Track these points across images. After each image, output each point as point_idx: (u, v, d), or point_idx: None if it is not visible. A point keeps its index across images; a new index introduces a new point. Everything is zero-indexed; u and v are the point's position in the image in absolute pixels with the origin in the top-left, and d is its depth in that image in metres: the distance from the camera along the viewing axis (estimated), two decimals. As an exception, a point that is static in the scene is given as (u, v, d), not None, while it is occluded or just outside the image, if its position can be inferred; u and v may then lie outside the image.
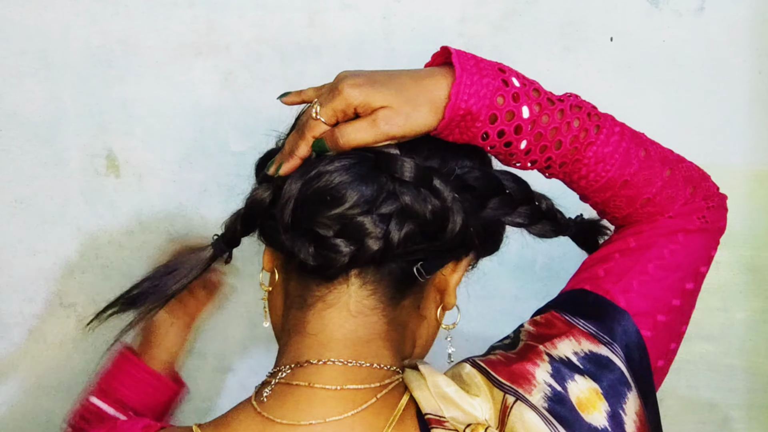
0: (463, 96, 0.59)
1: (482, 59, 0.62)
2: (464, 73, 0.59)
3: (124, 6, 0.98)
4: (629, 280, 0.65)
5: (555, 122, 0.62)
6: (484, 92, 0.60)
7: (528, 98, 0.61)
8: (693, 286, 0.67)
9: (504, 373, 0.60)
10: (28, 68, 0.98)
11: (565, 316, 0.64)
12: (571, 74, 1.03)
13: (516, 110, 0.61)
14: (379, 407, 0.59)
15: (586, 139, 0.63)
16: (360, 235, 0.58)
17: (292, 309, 0.63)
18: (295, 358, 0.61)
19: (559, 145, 0.63)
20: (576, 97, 0.65)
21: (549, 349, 0.61)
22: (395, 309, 0.62)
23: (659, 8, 1.02)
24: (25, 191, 1.01)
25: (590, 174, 0.64)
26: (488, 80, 0.60)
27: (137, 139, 1.01)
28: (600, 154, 0.63)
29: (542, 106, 0.62)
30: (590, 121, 0.64)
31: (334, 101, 0.59)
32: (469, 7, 1.01)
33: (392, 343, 0.62)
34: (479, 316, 1.07)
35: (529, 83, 0.62)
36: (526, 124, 0.61)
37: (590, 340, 0.62)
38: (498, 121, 0.60)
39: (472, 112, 0.60)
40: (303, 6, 1.00)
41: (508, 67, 0.63)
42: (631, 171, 0.65)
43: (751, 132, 1.06)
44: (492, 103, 0.60)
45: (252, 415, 0.59)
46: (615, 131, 0.64)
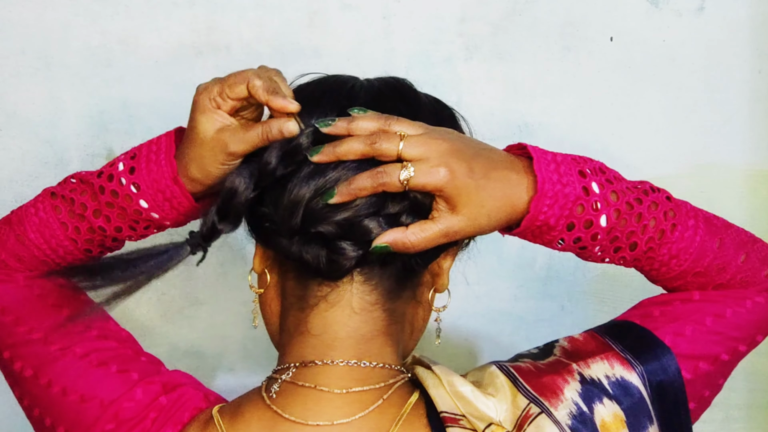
0: (542, 208, 0.59)
1: (562, 159, 0.60)
2: (545, 185, 0.58)
3: (124, 6, 0.98)
4: (683, 324, 0.64)
5: (632, 226, 0.62)
6: (563, 203, 0.59)
7: (607, 205, 0.60)
8: (745, 349, 0.67)
9: (532, 382, 0.60)
10: (28, 68, 0.98)
11: (605, 338, 0.64)
12: (571, 74, 1.03)
13: (594, 219, 0.60)
14: (385, 407, 0.59)
15: (661, 239, 0.63)
16: (368, 237, 0.57)
17: (291, 310, 0.62)
18: (300, 357, 0.61)
19: (635, 246, 0.63)
20: (653, 193, 0.64)
21: (581, 368, 0.61)
22: (395, 301, 0.62)
23: (659, 8, 1.02)
24: (25, 191, 1.01)
25: (662, 268, 0.65)
26: (569, 189, 0.59)
27: (137, 139, 1.00)
28: (674, 250, 0.64)
29: (621, 212, 0.61)
30: (666, 220, 0.63)
31: (427, 179, 0.56)
32: (469, 7, 1.01)
33: (393, 337, 0.62)
34: (479, 316, 1.07)
35: (607, 184, 0.61)
36: (603, 231, 0.61)
37: (624, 365, 0.62)
38: (575, 230, 0.60)
39: (550, 224, 0.60)
40: (303, 6, 1.00)
41: (590, 163, 0.62)
42: (704, 263, 0.65)
43: (751, 132, 1.06)
44: (571, 213, 0.60)
45: (263, 408, 0.60)
46: (689, 225, 0.64)
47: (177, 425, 0.61)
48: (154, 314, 1.05)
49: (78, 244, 0.68)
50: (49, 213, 0.67)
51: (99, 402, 0.62)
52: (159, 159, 0.64)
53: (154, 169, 0.64)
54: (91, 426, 0.62)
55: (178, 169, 0.63)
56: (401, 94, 0.65)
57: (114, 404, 0.62)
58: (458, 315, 1.05)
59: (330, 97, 0.63)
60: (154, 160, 0.64)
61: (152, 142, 0.66)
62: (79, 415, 0.63)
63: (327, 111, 0.61)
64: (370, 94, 0.63)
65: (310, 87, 0.65)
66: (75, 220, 0.67)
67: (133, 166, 0.64)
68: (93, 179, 0.66)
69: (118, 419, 0.61)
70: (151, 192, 0.64)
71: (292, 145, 0.58)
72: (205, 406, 0.63)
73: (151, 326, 1.06)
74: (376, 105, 0.61)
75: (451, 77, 1.02)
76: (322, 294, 0.60)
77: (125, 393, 0.62)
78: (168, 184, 0.63)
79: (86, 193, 0.66)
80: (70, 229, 0.67)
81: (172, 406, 0.62)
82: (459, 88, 1.03)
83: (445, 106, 0.67)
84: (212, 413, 0.61)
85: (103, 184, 0.65)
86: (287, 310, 0.63)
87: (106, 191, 0.65)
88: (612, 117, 1.05)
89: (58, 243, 0.67)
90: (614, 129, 1.05)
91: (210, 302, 1.05)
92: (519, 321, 1.08)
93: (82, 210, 0.66)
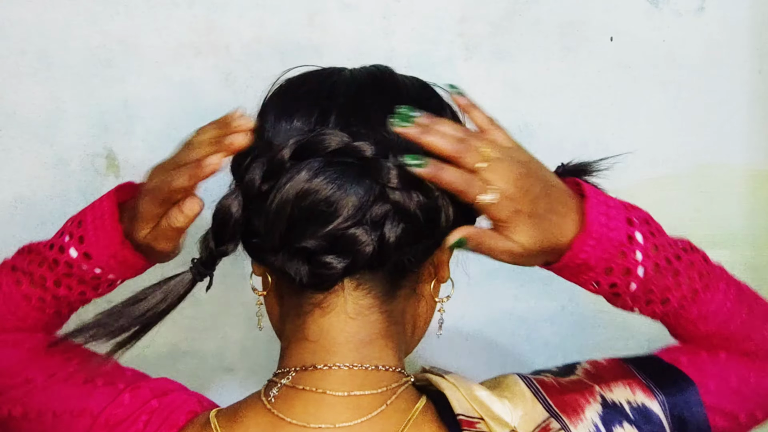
0: (585, 248, 0.59)
1: (613, 203, 0.61)
2: (593, 226, 0.59)
3: (124, 6, 0.98)
4: (709, 378, 0.65)
5: (668, 282, 0.62)
6: (607, 246, 0.59)
7: (648, 256, 0.61)
8: (762, 417, 0.67)
9: (555, 398, 0.61)
10: (28, 68, 0.98)
11: (629, 366, 0.65)
12: (571, 74, 1.03)
13: (633, 268, 0.61)
14: (390, 412, 0.59)
15: (694, 299, 0.63)
16: (353, 247, 0.57)
17: (289, 315, 0.62)
18: (300, 362, 0.60)
19: (667, 302, 0.63)
20: (691, 252, 0.65)
21: (604, 391, 0.62)
22: (392, 301, 0.61)
23: (659, 8, 1.02)
24: (25, 191, 1.01)
25: (689, 326, 0.65)
26: (615, 234, 0.60)
27: (137, 139, 1.01)
28: (704, 311, 0.64)
29: (659, 266, 0.62)
30: (701, 281, 0.64)
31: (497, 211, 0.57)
32: (469, 7, 1.01)
33: (393, 339, 0.62)
34: (479, 316, 1.07)
35: (650, 236, 0.62)
36: (639, 282, 0.61)
37: (646, 393, 0.62)
38: (612, 275, 0.61)
39: (589, 264, 0.60)
40: (303, 6, 1.00)
41: (637, 212, 0.63)
42: (730, 328, 0.65)
43: (751, 132, 1.06)
44: (612, 257, 0.60)
45: (263, 412, 0.59)
46: (721, 289, 0.64)
47: (172, 428, 0.61)
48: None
49: (46, 311, 0.69)
50: (11, 287, 0.69)
51: (89, 414, 0.63)
52: (105, 224, 0.65)
53: (101, 236, 0.65)
54: None
55: (125, 231, 0.64)
56: (381, 87, 0.64)
57: (103, 412, 0.62)
58: (459, 315, 1.05)
59: (309, 96, 0.62)
60: (100, 226, 0.65)
61: (95, 207, 0.68)
62: (70, 430, 0.63)
63: (307, 110, 0.60)
64: (351, 89, 0.62)
65: (291, 85, 0.65)
66: (38, 291, 0.68)
67: (81, 235, 0.66)
68: (46, 252, 0.68)
69: (109, 425, 0.62)
70: (104, 258, 0.65)
71: (273, 163, 0.58)
72: (201, 410, 0.63)
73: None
74: (357, 100, 0.61)
75: (451, 77, 1.01)
76: (316, 301, 0.60)
77: (113, 401, 0.63)
78: (117, 249, 0.65)
79: (43, 264, 0.68)
80: (34, 300, 0.69)
81: (165, 409, 0.62)
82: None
83: (432, 93, 0.66)
84: (209, 417, 0.61)
85: (56, 257, 0.67)
86: (286, 316, 0.63)
87: (60, 263, 0.67)
88: (612, 117, 1.04)
89: (24, 314, 0.69)
90: (614, 129, 1.05)
91: (210, 302, 1.05)
92: (519, 321, 1.08)
93: (43, 281, 0.68)
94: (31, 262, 0.68)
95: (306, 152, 0.57)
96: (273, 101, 0.64)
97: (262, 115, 0.63)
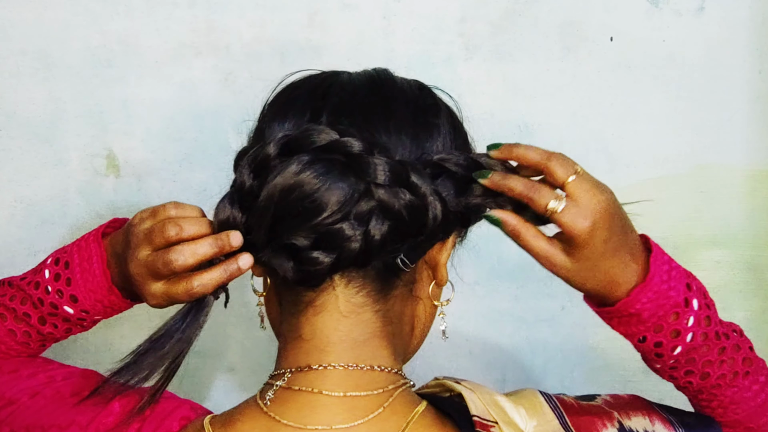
0: (642, 299, 0.59)
1: (676, 266, 0.62)
2: (654, 279, 0.59)
3: (124, 6, 0.98)
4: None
5: (712, 356, 0.63)
6: (663, 302, 0.60)
7: (699, 325, 0.61)
8: None
9: (573, 417, 0.61)
10: (28, 68, 0.98)
11: (651, 403, 0.66)
12: (571, 74, 1.03)
13: (683, 332, 0.61)
14: (387, 415, 0.58)
15: (732, 381, 0.64)
16: (338, 242, 0.56)
17: (286, 315, 0.62)
18: (296, 362, 0.60)
19: (706, 376, 0.64)
20: (739, 336, 0.66)
21: (622, 418, 0.62)
22: (387, 301, 0.61)
23: (659, 8, 1.02)
24: (25, 191, 1.01)
25: (719, 409, 0.65)
26: (673, 293, 0.60)
27: (137, 139, 1.01)
28: (738, 397, 0.64)
29: (708, 337, 0.62)
30: (743, 365, 0.64)
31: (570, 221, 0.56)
32: (469, 7, 1.01)
33: (389, 339, 0.61)
34: (479, 316, 1.07)
35: (705, 307, 0.62)
36: (685, 347, 0.62)
37: (666, 425, 0.63)
38: (661, 334, 0.61)
39: (642, 316, 0.60)
40: (303, 6, 1.00)
41: (696, 281, 0.63)
42: (759, 421, 0.66)
43: (751, 132, 1.06)
44: (665, 315, 0.60)
45: (258, 414, 0.59)
46: (760, 380, 0.65)
47: None
48: (154, 314, 1.05)
49: (31, 345, 0.71)
50: None
51: (77, 426, 0.62)
52: (92, 269, 0.66)
53: (89, 279, 0.67)
54: None
55: (112, 277, 0.66)
56: (376, 88, 0.63)
57: (92, 423, 0.61)
58: (459, 315, 1.05)
59: (304, 97, 0.62)
60: (88, 269, 0.67)
61: (82, 248, 0.68)
62: None
63: (300, 110, 0.61)
64: (346, 90, 0.62)
65: (289, 87, 0.65)
66: (22, 326, 0.69)
67: (68, 278, 0.67)
68: (30, 290, 0.68)
69: None
70: (90, 302, 0.67)
71: (260, 159, 0.58)
72: (194, 416, 0.62)
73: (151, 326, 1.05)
74: (350, 101, 0.61)
75: (451, 77, 1.02)
76: (309, 299, 0.60)
77: (102, 410, 0.62)
78: (105, 295, 0.67)
79: (26, 302, 0.69)
80: (20, 335, 0.70)
81: (157, 416, 0.62)
82: (459, 88, 1.02)
83: (429, 96, 0.66)
84: (203, 423, 0.60)
85: (41, 296, 0.68)
86: (283, 315, 0.63)
87: (45, 303, 0.68)
88: (612, 117, 1.04)
89: (8, 347, 0.70)
90: (614, 129, 1.05)
91: (210, 302, 1.05)
92: (519, 321, 1.08)
93: (27, 319, 0.69)
94: (13, 298, 0.69)
95: (293, 148, 0.57)
96: (271, 104, 0.65)
97: (262, 118, 0.64)
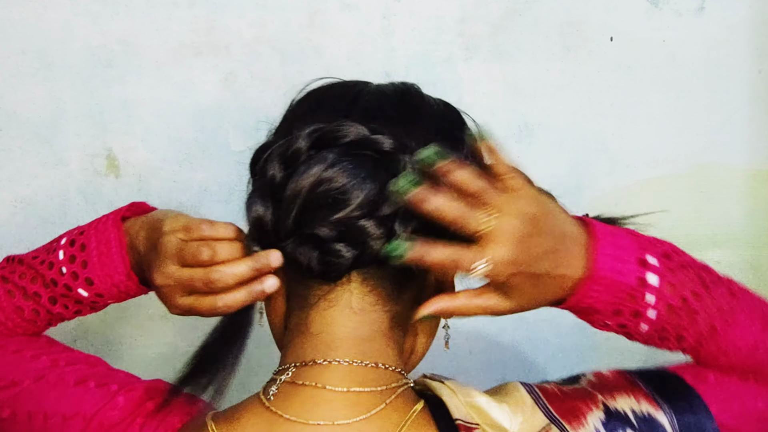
0: (590, 293, 0.58)
1: (627, 243, 0.59)
2: (600, 272, 0.57)
3: (124, 6, 0.98)
4: (732, 399, 0.63)
5: (682, 321, 0.60)
6: (614, 291, 0.58)
7: (661, 298, 0.59)
8: None
9: (555, 404, 0.60)
10: (28, 68, 0.98)
11: (635, 378, 0.63)
12: (571, 74, 1.03)
13: (644, 311, 0.59)
14: (389, 411, 0.58)
15: (711, 335, 0.61)
16: (362, 238, 0.57)
17: (294, 309, 0.62)
18: (301, 357, 0.61)
19: (682, 339, 0.62)
20: (713, 287, 0.62)
21: (607, 400, 0.61)
22: (396, 303, 0.61)
23: (659, 8, 1.02)
24: (25, 191, 1.01)
25: (710, 360, 0.63)
26: (624, 279, 0.58)
27: (137, 139, 1.01)
28: (723, 347, 0.62)
29: (673, 307, 0.59)
30: (720, 317, 0.61)
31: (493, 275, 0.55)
32: (469, 7, 1.01)
33: (395, 341, 0.62)
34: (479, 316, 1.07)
35: (667, 274, 0.59)
36: (651, 323, 0.60)
37: (651, 404, 0.61)
38: (621, 316, 0.60)
39: (595, 308, 0.59)
40: (303, 6, 1.00)
41: (656, 248, 0.60)
42: (755, 360, 0.63)
43: (751, 132, 1.06)
44: (620, 302, 0.59)
45: (261, 410, 0.59)
46: (743, 322, 0.62)
47: (168, 430, 0.61)
48: (154, 314, 1.05)
49: (38, 324, 0.70)
50: (2, 297, 0.68)
51: (81, 417, 0.62)
52: (111, 253, 0.65)
53: (107, 263, 0.65)
54: None
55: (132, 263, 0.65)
56: (405, 99, 0.64)
57: (97, 416, 0.61)
58: (458, 315, 1.05)
59: (333, 100, 0.63)
60: (105, 252, 0.65)
61: (99, 230, 0.67)
62: None
63: (328, 113, 0.61)
64: (374, 97, 0.63)
65: (316, 91, 0.66)
66: (31, 303, 0.68)
67: (85, 260, 0.66)
68: (43, 270, 0.67)
69: (103, 427, 0.61)
70: (106, 287, 0.66)
71: (291, 153, 0.58)
72: (196, 412, 0.63)
73: (151, 326, 1.05)
74: (379, 107, 0.61)
75: (451, 77, 1.02)
76: (322, 293, 0.60)
77: (107, 403, 0.62)
78: (122, 280, 0.65)
79: (37, 281, 0.67)
80: (27, 312, 0.69)
81: (161, 411, 0.62)
82: (459, 88, 1.03)
83: (452, 110, 0.67)
84: (206, 419, 0.61)
85: (54, 277, 0.66)
86: (291, 311, 0.63)
87: (59, 284, 0.66)
88: (612, 117, 1.04)
89: (15, 324, 0.69)
90: (614, 129, 1.05)
91: (210, 302, 1.05)
92: (519, 321, 1.08)
93: (37, 298, 0.68)
94: (23, 276, 0.68)
95: (323, 143, 0.58)
96: (300, 102, 0.66)
97: (286, 120, 0.65)
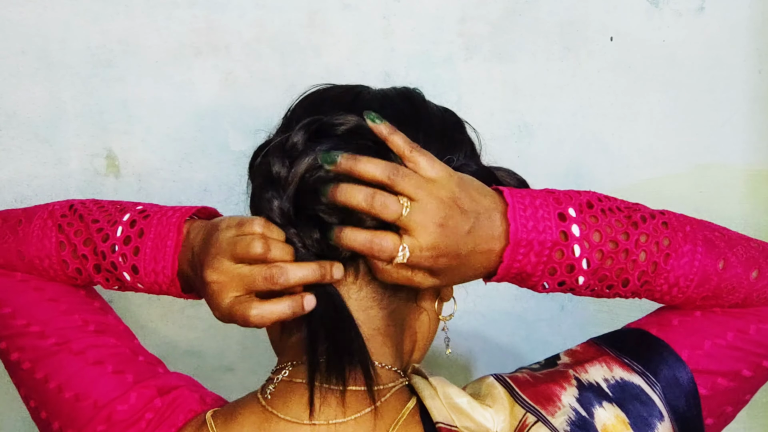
0: (517, 257, 0.58)
1: (541, 202, 0.59)
2: (519, 234, 0.57)
3: (124, 6, 0.98)
4: (702, 339, 0.62)
5: (620, 263, 0.60)
6: (539, 249, 0.58)
7: (589, 246, 0.59)
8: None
9: (529, 391, 0.60)
10: (28, 68, 0.98)
11: (602, 346, 0.63)
12: (571, 74, 1.03)
13: (576, 263, 0.59)
14: (382, 410, 0.59)
15: (655, 271, 0.61)
16: (362, 224, 0.58)
17: None
18: (298, 356, 0.61)
19: (627, 282, 0.61)
20: (644, 223, 0.61)
21: (579, 374, 0.61)
22: (393, 300, 0.62)
23: (659, 8, 1.02)
24: (25, 191, 1.01)
25: (665, 296, 0.63)
26: (545, 236, 0.58)
27: (137, 139, 1.01)
28: (672, 279, 0.61)
29: (604, 252, 0.59)
30: (659, 251, 0.61)
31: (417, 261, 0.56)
32: (469, 7, 1.01)
33: (392, 339, 0.62)
34: (479, 316, 1.07)
35: (591, 222, 0.59)
36: (587, 273, 0.60)
37: (623, 367, 0.61)
38: (557, 274, 0.60)
39: (527, 271, 0.59)
40: (303, 6, 1.00)
41: (575, 199, 0.60)
42: (710, 286, 0.62)
43: (751, 132, 1.06)
44: (550, 259, 0.59)
45: (257, 409, 0.60)
46: (685, 252, 0.61)
47: (171, 428, 0.61)
48: (154, 314, 1.05)
49: (78, 281, 0.69)
50: (53, 246, 0.68)
51: (93, 402, 0.62)
52: (165, 251, 0.64)
53: (158, 260, 0.64)
54: (83, 426, 0.62)
55: (180, 265, 0.64)
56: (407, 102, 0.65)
57: (107, 406, 0.62)
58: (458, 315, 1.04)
59: (333, 100, 0.64)
60: (161, 248, 0.64)
61: (162, 223, 0.65)
62: (72, 414, 0.63)
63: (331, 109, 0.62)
64: (375, 98, 0.65)
65: (316, 93, 0.67)
66: (77, 262, 0.68)
67: (138, 247, 0.64)
68: (97, 238, 0.66)
69: (111, 421, 0.62)
70: (149, 281, 0.65)
71: (287, 147, 0.59)
72: (201, 409, 0.63)
73: (151, 326, 1.06)
74: (381, 108, 0.62)
75: (451, 77, 1.02)
76: None
77: (119, 396, 0.62)
78: (165, 281, 0.65)
79: (89, 244, 0.67)
80: (71, 270, 0.68)
81: (167, 408, 0.62)
82: (459, 88, 1.03)
83: (452, 114, 0.68)
84: (206, 417, 0.61)
85: (105, 251, 0.66)
86: None
87: (107, 258, 0.66)
88: (612, 117, 1.04)
89: (55, 273, 0.69)
90: (614, 129, 1.05)
91: (210, 302, 1.05)
92: (519, 321, 1.08)
93: (84, 260, 0.67)
94: (78, 233, 0.67)
95: (321, 134, 0.59)
96: (301, 102, 0.67)
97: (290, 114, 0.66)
